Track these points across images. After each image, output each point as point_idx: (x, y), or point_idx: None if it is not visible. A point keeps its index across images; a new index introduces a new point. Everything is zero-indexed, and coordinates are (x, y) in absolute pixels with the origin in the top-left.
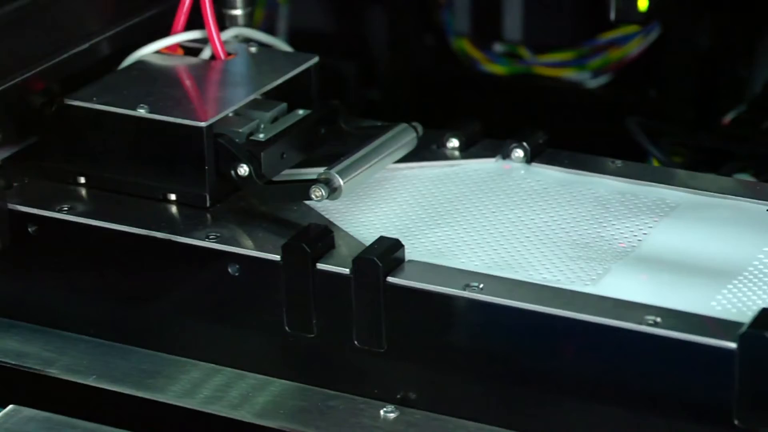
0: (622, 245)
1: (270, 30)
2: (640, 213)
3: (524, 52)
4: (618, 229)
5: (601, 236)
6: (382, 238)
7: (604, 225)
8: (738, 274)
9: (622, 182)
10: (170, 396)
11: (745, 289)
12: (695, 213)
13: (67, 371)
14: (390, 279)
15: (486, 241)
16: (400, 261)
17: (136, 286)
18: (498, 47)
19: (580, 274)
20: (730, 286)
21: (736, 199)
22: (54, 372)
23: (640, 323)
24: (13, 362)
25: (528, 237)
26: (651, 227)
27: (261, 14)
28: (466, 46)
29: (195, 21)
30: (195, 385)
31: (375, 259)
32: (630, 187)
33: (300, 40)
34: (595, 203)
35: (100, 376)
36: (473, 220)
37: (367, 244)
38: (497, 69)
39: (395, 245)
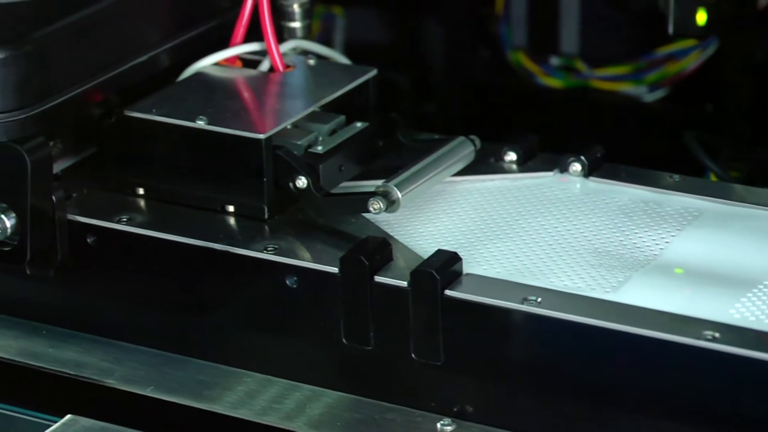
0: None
1: (326, 42)
2: (663, 222)
3: (581, 66)
4: (640, 237)
5: (624, 244)
6: (440, 251)
7: (627, 233)
8: (759, 282)
9: (645, 191)
10: (226, 407)
11: (765, 298)
12: (718, 222)
13: (124, 381)
14: (448, 292)
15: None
16: (458, 274)
17: (194, 298)
18: (554, 60)
19: (601, 282)
20: (750, 295)
21: (759, 209)
22: (111, 382)
23: (699, 338)
24: (72, 372)
25: (555, 243)
26: (674, 236)
27: (318, 26)
28: (523, 59)
29: (254, 33)
30: (251, 395)
31: (433, 272)
32: (653, 195)
33: (356, 52)
34: (618, 212)
35: (157, 386)
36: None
37: (425, 257)
38: (554, 82)
39: (453, 258)
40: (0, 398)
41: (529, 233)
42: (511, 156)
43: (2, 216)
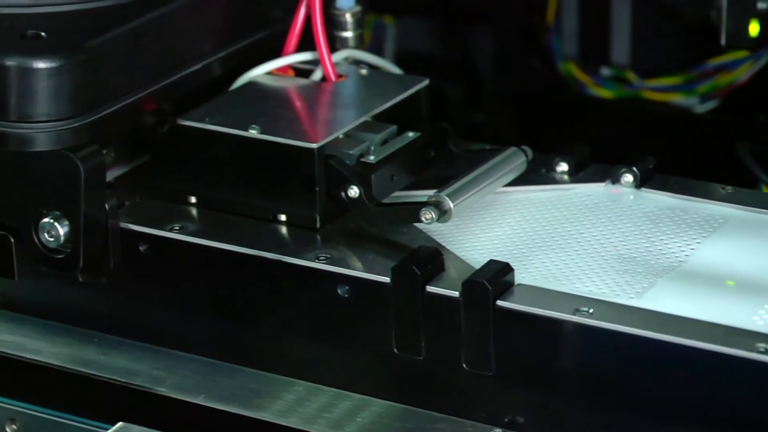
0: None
1: (377, 51)
2: (689, 228)
3: (632, 77)
4: (666, 244)
5: (649, 251)
6: (491, 262)
7: (653, 240)
8: None
9: (671, 198)
10: (276, 415)
11: None
12: (744, 229)
13: (176, 389)
14: (499, 302)
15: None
16: (510, 285)
17: (245, 306)
18: (605, 71)
19: (625, 288)
20: None
21: None
22: (163, 390)
23: (751, 351)
24: (123, 380)
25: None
26: (699, 243)
27: (368, 36)
28: (573, 70)
29: (306, 43)
30: (300, 404)
31: (485, 282)
32: (679, 202)
33: (406, 61)
34: (645, 218)
35: (208, 395)
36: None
37: (477, 267)
38: (604, 93)
39: (505, 269)
40: (52, 405)
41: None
42: (563, 167)
43: (55, 224)
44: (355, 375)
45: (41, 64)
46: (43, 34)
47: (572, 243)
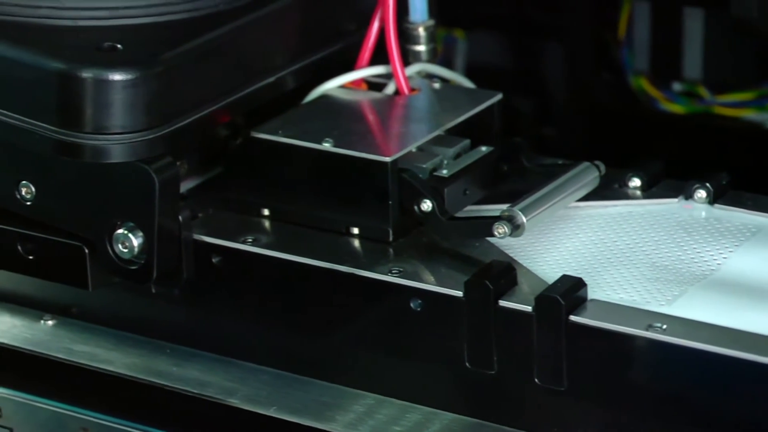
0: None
1: (447, 65)
2: (722, 237)
3: (703, 92)
4: (698, 252)
5: (681, 259)
6: (564, 277)
7: (685, 248)
8: None
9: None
10: (347, 427)
11: None
12: None
13: (247, 401)
14: (572, 318)
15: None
16: (583, 300)
17: (317, 319)
18: (677, 86)
19: (656, 295)
20: None
21: None
22: (235, 402)
23: None
24: (195, 391)
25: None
26: (731, 251)
27: (439, 49)
28: (645, 85)
29: (379, 56)
30: (369, 415)
31: (558, 297)
32: (713, 211)
33: (476, 75)
34: (678, 227)
35: (280, 407)
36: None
37: (549, 282)
38: (676, 108)
39: (578, 284)
40: (124, 415)
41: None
42: (636, 182)
43: (129, 235)
44: (425, 388)
45: (117, 76)
46: (119, 46)
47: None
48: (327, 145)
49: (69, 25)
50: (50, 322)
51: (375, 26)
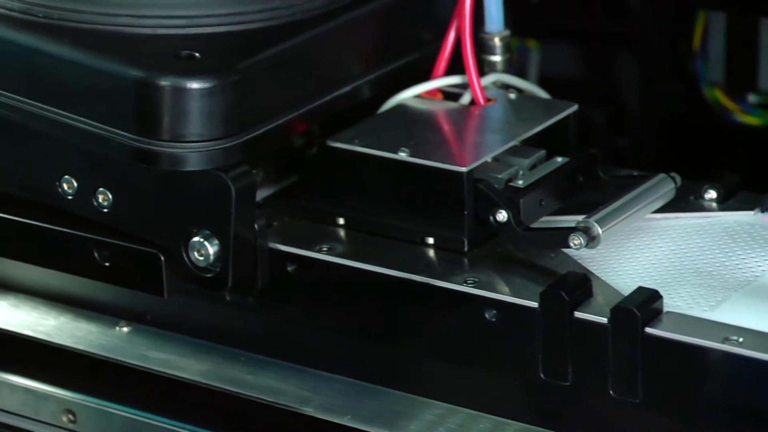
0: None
1: (520, 75)
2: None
3: None
4: (743, 259)
5: (758, 273)
6: (640, 289)
7: (759, 262)
8: None
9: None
10: None
11: None
12: None
13: (321, 410)
14: (648, 330)
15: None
16: (658, 312)
17: (391, 328)
18: (752, 98)
19: (699, 301)
20: None
21: None
22: (309, 410)
23: None
24: (269, 399)
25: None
26: None
27: (512, 59)
28: (719, 96)
29: (455, 66)
30: (439, 423)
31: (634, 309)
32: (759, 219)
33: (549, 85)
34: (724, 234)
35: (354, 416)
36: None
37: (624, 293)
38: (751, 120)
39: (653, 296)
40: (198, 423)
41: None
42: (712, 194)
43: (205, 243)
44: (497, 397)
45: (195, 85)
46: (197, 54)
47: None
48: (403, 155)
49: (148, 33)
50: (125, 329)
51: (451, 36)
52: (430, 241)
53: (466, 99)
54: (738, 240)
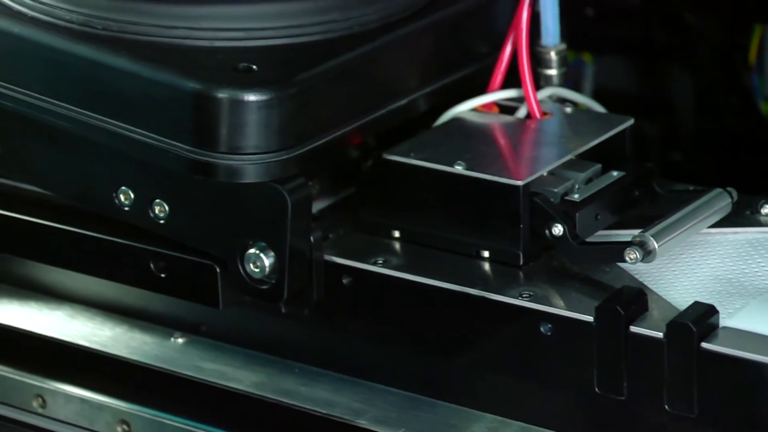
0: None
1: (575, 89)
2: None
3: None
4: (763, 266)
5: (745, 273)
6: (696, 303)
7: (750, 263)
8: None
9: None
10: None
11: None
12: None
13: (376, 423)
14: (704, 345)
15: None
16: (714, 327)
17: (446, 341)
18: None
19: (756, 316)
20: None
21: None
22: (363, 423)
23: None
24: (324, 411)
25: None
26: None
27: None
28: None
29: (511, 80)
30: None
31: (689, 324)
32: None
33: (604, 99)
34: (746, 243)
35: (409, 429)
36: None
37: (679, 308)
38: None
39: (710, 311)
40: None
41: None
42: None
43: (261, 254)
44: (552, 411)
45: (252, 97)
46: (254, 67)
47: None
48: (459, 168)
49: (205, 45)
50: (180, 340)
51: (507, 49)
52: (486, 254)
53: (522, 112)
54: None
